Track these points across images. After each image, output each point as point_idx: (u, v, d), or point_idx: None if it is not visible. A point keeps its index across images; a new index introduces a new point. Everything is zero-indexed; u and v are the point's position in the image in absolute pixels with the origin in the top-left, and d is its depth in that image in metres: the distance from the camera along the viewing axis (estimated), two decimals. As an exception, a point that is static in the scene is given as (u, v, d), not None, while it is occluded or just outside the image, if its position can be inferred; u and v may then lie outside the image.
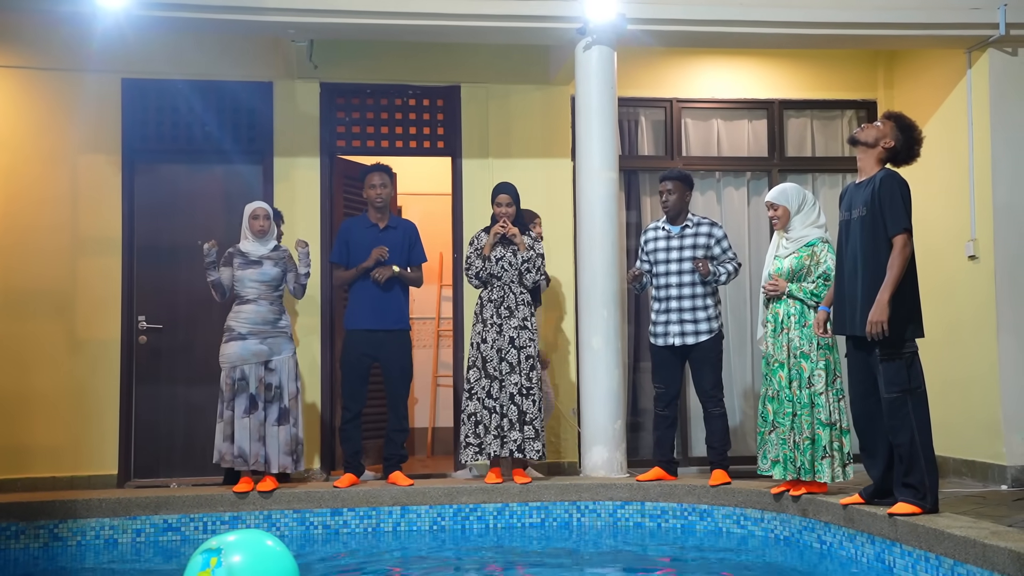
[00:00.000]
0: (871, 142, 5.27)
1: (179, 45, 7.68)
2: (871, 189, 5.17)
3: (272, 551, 3.79)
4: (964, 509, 5.64)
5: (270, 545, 3.82)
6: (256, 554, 3.73)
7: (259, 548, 3.78)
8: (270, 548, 3.80)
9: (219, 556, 3.65)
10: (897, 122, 5.27)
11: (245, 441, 6.31)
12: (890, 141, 5.24)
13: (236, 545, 3.73)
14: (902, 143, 5.24)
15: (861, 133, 5.32)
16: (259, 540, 3.85)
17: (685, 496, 6.50)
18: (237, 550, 3.69)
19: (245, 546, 3.74)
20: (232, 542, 3.75)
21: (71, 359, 7.54)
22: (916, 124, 5.32)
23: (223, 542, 3.74)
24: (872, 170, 5.27)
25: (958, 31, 7.31)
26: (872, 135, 5.27)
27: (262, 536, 3.90)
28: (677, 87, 8.48)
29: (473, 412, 6.61)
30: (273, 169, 7.85)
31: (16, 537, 6.09)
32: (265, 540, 3.86)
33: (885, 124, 5.28)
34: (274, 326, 6.47)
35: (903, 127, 5.26)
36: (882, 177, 5.18)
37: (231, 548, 3.70)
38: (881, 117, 5.38)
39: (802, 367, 5.74)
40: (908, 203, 5.11)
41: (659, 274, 6.74)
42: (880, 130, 5.27)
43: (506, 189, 6.78)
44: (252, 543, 3.79)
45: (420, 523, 6.45)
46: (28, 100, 7.64)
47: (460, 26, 7.13)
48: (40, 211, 7.57)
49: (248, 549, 3.73)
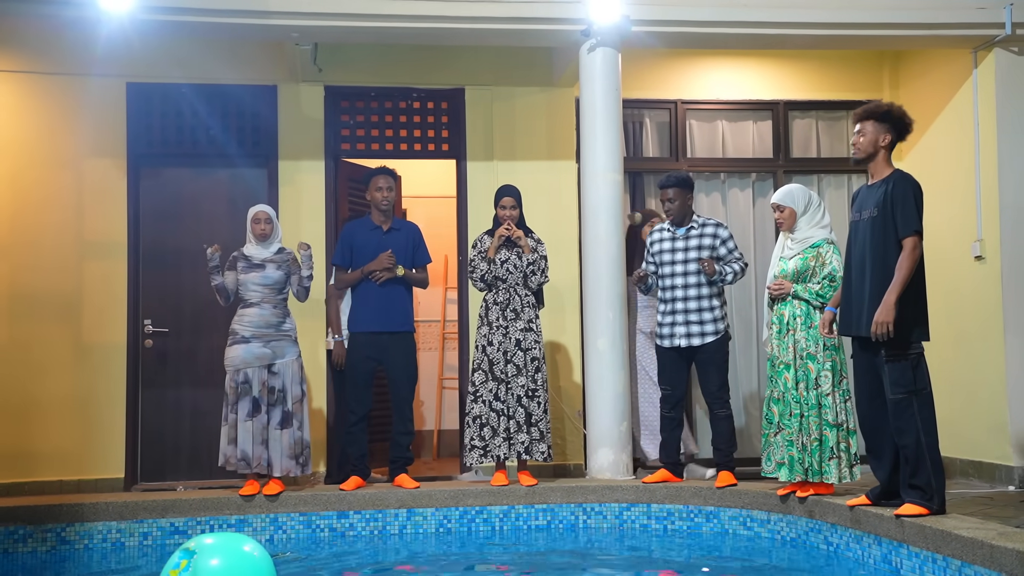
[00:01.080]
0: (871, 151, 5.25)
1: (183, 49, 7.69)
2: (884, 190, 5.15)
3: (249, 557, 3.75)
4: (971, 510, 5.62)
5: (247, 550, 3.78)
6: (231, 559, 3.69)
7: (235, 552, 3.74)
8: (247, 553, 3.76)
9: (190, 560, 3.63)
10: (874, 117, 5.23)
11: (248, 444, 6.32)
12: (885, 137, 5.22)
13: (212, 549, 3.70)
14: (892, 129, 5.22)
15: (858, 153, 5.28)
16: (236, 544, 3.80)
17: (691, 498, 6.49)
18: (213, 554, 3.66)
19: (221, 550, 3.71)
20: (209, 545, 3.71)
21: (77, 363, 7.55)
22: (886, 103, 5.28)
23: (200, 544, 3.71)
24: (884, 171, 5.25)
25: (964, 31, 7.29)
26: (866, 147, 5.25)
27: (240, 540, 3.85)
28: (682, 88, 8.47)
29: (478, 415, 6.61)
30: (278, 173, 7.86)
31: (24, 541, 6.10)
32: (243, 544, 3.81)
33: (866, 127, 5.24)
34: (277, 329, 6.47)
35: (881, 116, 5.22)
36: (895, 179, 5.16)
37: (206, 551, 3.67)
38: (858, 124, 5.30)
39: (809, 368, 5.73)
40: (920, 206, 5.09)
41: (665, 275, 6.73)
42: (868, 137, 5.24)
43: (510, 191, 6.78)
44: (229, 547, 3.75)
45: (426, 525, 6.45)
46: (33, 105, 7.66)
47: (464, 28, 7.13)
48: (45, 215, 7.58)
49: (224, 553, 3.69)
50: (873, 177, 5.30)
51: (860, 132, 5.27)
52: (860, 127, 5.27)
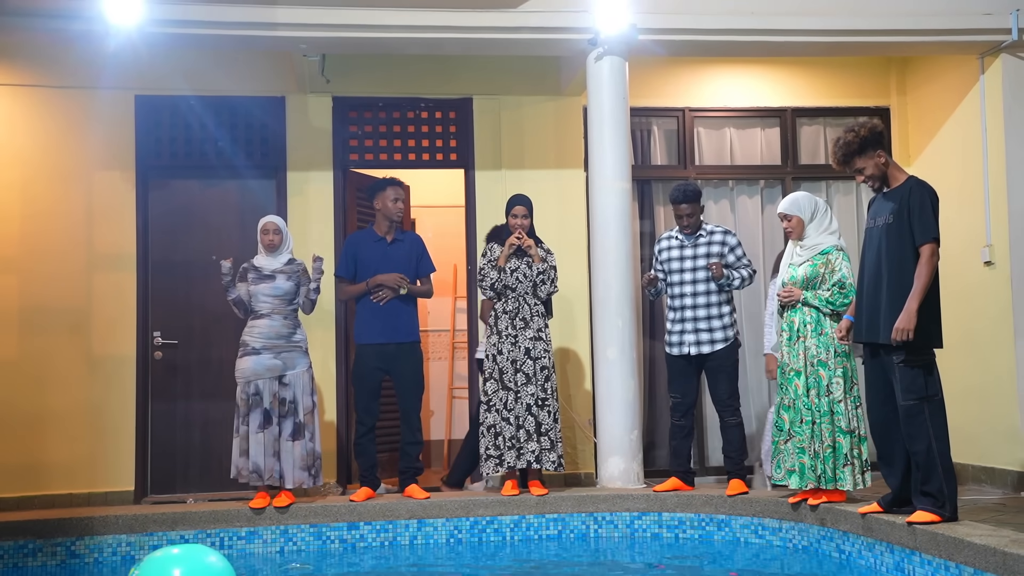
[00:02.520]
0: (881, 174, 5.25)
1: (192, 61, 7.72)
2: (900, 197, 5.14)
3: (213, 568, 3.78)
4: (984, 517, 5.59)
5: (212, 561, 3.81)
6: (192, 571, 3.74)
7: (198, 565, 3.78)
8: (211, 564, 3.80)
9: (138, 569, 3.70)
10: (857, 153, 5.22)
11: (260, 456, 6.31)
12: (879, 157, 5.22)
13: (174, 560, 3.75)
14: (877, 145, 5.21)
15: (875, 184, 5.28)
16: (199, 556, 3.84)
17: (702, 506, 6.47)
18: (174, 565, 3.72)
19: (182, 561, 3.76)
20: (160, 558, 3.78)
21: (87, 376, 7.56)
22: (848, 135, 5.23)
23: (155, 560, 3.77)
24: (898, 178, 5.24)
25: (970, 36, 7.29)
26: (876, 176, 5.25)
27: (203, 552, 3.89)
28: (689, 96, 8.48)
29: (492, 424, 6.60)
30: (287, 184, 7.88)
31: (33, 555, 6.09)
32: (207, 556, 3.84)
33: (860, 164, 5.23)
34: (288, 340, 6.47)
35: (861, 148, 5.21)
36: (912, 186, 5.15)
37: (165, 562, 3.72)
38: (852, 168, 5.28)
39: (820, 375, 5.72)
40: (937, 213, 5.09)
41: (674, 283, 6.72)
42: (870, 169, 5.23)
43: (521, 201, 6.78)
44: (191, 559, 3.80)
45: (437, 536, 6.44)
46: (42, 118, 7.69)
47: (472, 39, 7.14)
48: (55, 228, 7.61)
49: (185, 564, 3.75)
50: (888, 185, 5.29)
51: (859, 172, 5.28)
52: (857, 168, 5.27)
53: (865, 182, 5.31)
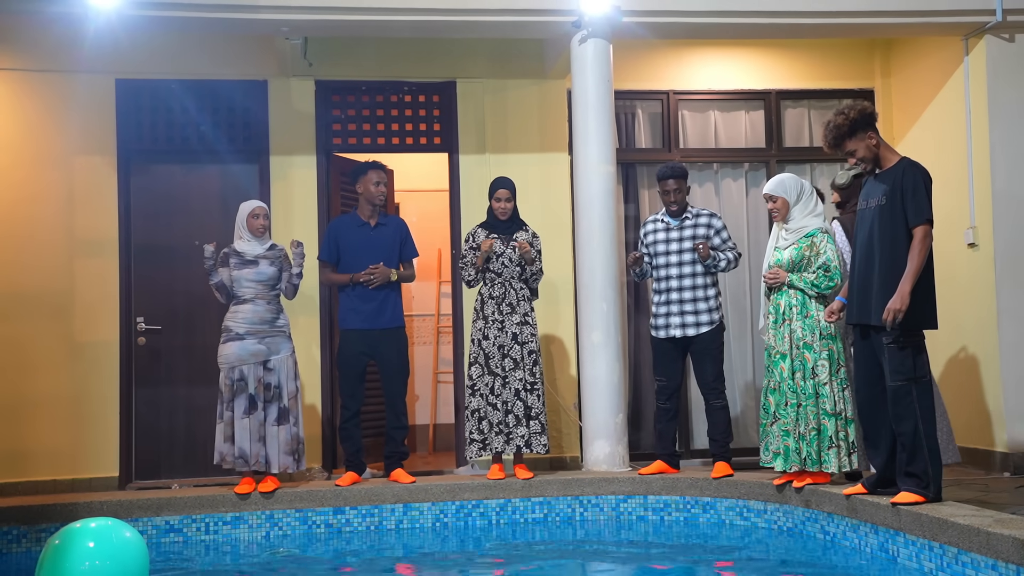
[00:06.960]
0: (873, 156, 5.23)
1: (173, 45, 7.65)
2: (893, 179, 5.13)
3: (127, 541, 3.98)
4: (967, 497, 5.62)
5: (128, 536, 4.02)
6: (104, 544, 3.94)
7: (113, 537, 3.98)
8: (127, 539, 4.00)
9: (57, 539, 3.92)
10: (848, 135, 5.20)
11: (245, 442, 6.29)
12: (870, 138, 5.20)
13: (87, 532, 3.95)
14: (867, 126, 5.19)
15: (868, 166, 5.25)
16: (116, 531, 4.03)
17: (688, 489, 6.49)
18: (86, 537, 3.92)
19: (96, 534, 3.96)
20: (78, 528, 3.98)
21: (70, 361, 7.52)
22: (839, 117, 5.20)
23: (72, 530, 3.96)
24: (890, 159, 5.23)
25: (955, 18, 7.29)
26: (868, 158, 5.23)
27: (120, 527, 4.07)
28: (673, 79, 8.46)
29: (476, 408, 6.59)
30: (269, 168, 7.83)
31: (18, 541, 6.08)
32: (123, 531, 4.05)
33: (852, 146, 5.21)
34: (272, 325, 6.45)
35: (851, 130, 5.19)
36: (905, 167, 5.15)
37: (80, 534, 3.92)
38: (844, 151, 5.27)
39: (805, 358, 5.73)
40: (930, 194, 5.09)
41: (659, 266, 6.71)
42: (861, 151, 5.21)
43: (505, 184, 6.77)
44: (106, 532, 4.00)
45: (423, 520, 6.44)
46: (22, 102, 7.62)
47: (455, 21, 7.11)
48: (36, 213, 7.54)
49: (99, 536, 3.95)
50: (881, 167, 5.27)
51: (852, 154, 5.25)
52: (848, 150, 5.25)
53: (857, 165, 5.30)
